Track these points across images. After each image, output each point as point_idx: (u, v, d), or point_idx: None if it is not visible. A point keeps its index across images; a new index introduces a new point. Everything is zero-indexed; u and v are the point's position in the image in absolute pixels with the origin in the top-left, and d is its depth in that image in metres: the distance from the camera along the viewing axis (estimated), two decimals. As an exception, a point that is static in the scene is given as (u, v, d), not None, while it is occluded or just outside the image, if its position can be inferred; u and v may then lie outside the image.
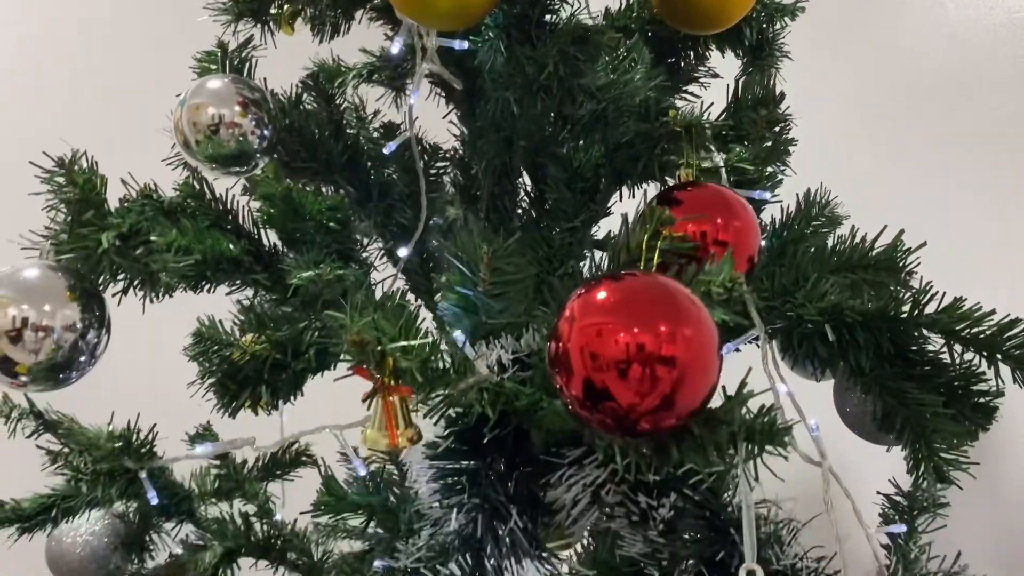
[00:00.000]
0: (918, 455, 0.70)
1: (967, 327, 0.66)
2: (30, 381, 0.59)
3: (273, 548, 0.82)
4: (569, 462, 0.56)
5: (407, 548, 0.58)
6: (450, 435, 0.59)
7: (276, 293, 0.74)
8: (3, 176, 1.05)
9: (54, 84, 1.63)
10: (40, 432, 0.84)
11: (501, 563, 0.53)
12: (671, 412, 0.44)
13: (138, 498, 0.82)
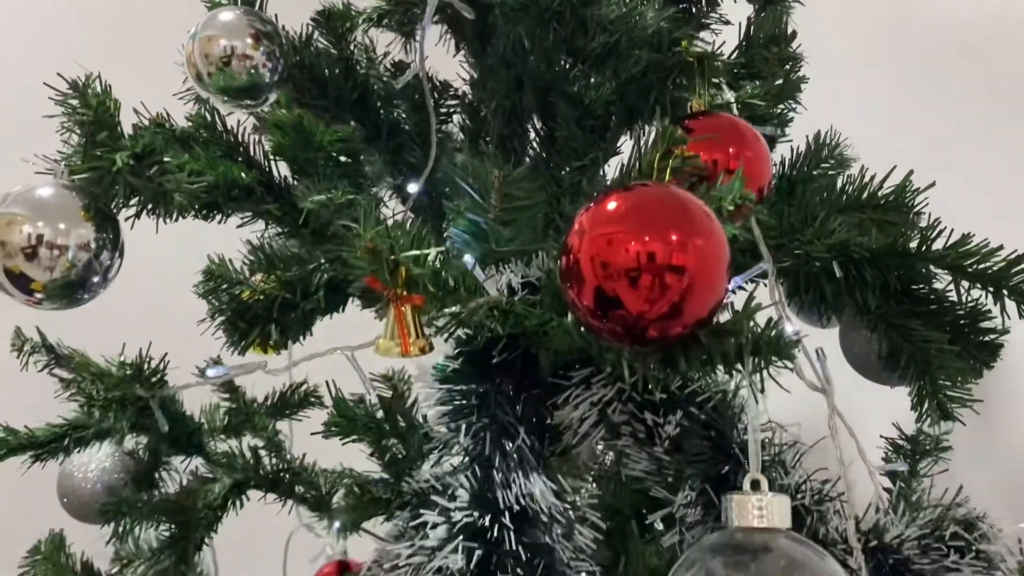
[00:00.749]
0: (922, 392, 0.71)
1: (974, 263, 0.66)
2: (45, 299, 0.59)
3: (282, 481, 0.83)
4: (576, 382, 0.57)
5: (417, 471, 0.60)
6: (459, 357, 0.59)
7: (287, 225, 0.75)
8: (16, 99, 1.05)
9: (66, 18, 1.63)
10: (52, 366, 0.85)
11: (508, 477, 0.54)
12: (679, 320, 0.45)
13: (148, 431, 0.83)
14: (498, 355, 0.59)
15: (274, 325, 0.90)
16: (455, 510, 0.53)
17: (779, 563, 0.43)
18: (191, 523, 0.78)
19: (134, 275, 0.89)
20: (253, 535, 1.08)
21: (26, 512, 1.00)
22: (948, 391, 0.70)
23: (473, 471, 0.54)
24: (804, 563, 0.43)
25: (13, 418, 0.84)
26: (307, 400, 0.97)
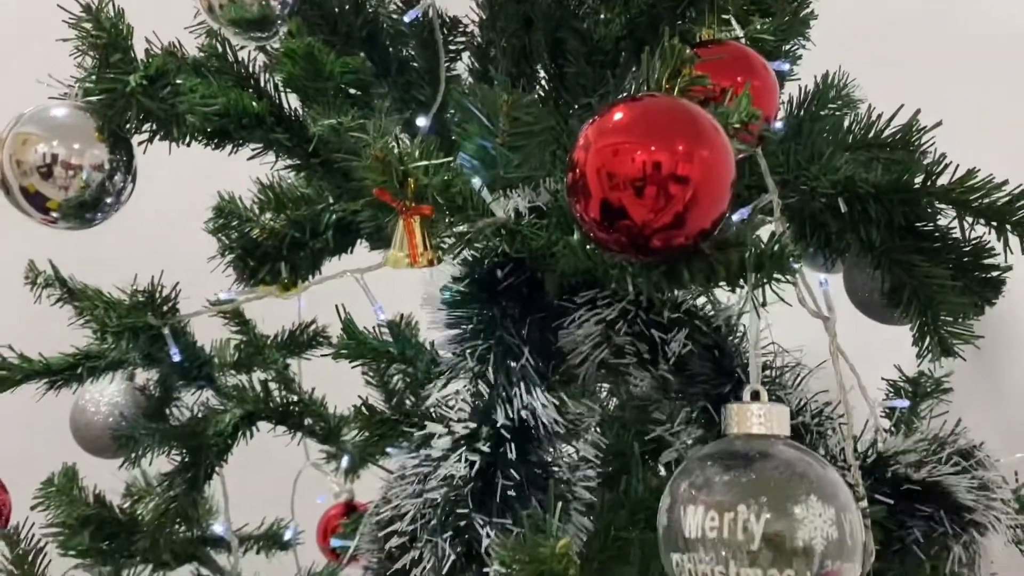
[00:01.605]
0: (924, 328, 0.71)
1: (978, 198, 0.67)
2: (60, 218, 0.60)
3: (291, 414, 0.85)
4: (581, 303, 0.58)
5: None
6: (466, 280, 0.60)
7: (297, 157, 0.75)
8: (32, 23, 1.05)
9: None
10: (64, 300, 0.87)
11: (510, 392, 0.55)
12: (682, 231, 0.45)
13: (159, 363, 0.85)
14: (504, 279, 0.60)
15: (283, 263, 0.92)
16: (457, 421, 0.54)
17: (778, 468, 0.44)
18: (202, 449, 0.79)
19: (145, 212, 0.90)
20: (261, 473, 1.10)
21: (39, 447, 1.02)
22: (949, 327, 0.71)
23: (476, 386, 0.55)
24: (804, 469, 0.44)
25: (28, 348, 0.85)
26: (315, 339, 0.98)
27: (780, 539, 0.42)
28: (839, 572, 0.44)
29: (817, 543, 0.42)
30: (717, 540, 0.42)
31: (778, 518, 0.42)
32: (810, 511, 0.42)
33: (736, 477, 0.44)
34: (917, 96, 0.76)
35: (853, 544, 0.44)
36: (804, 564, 0.42)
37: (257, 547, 1.06)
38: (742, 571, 0.42)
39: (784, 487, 0.43)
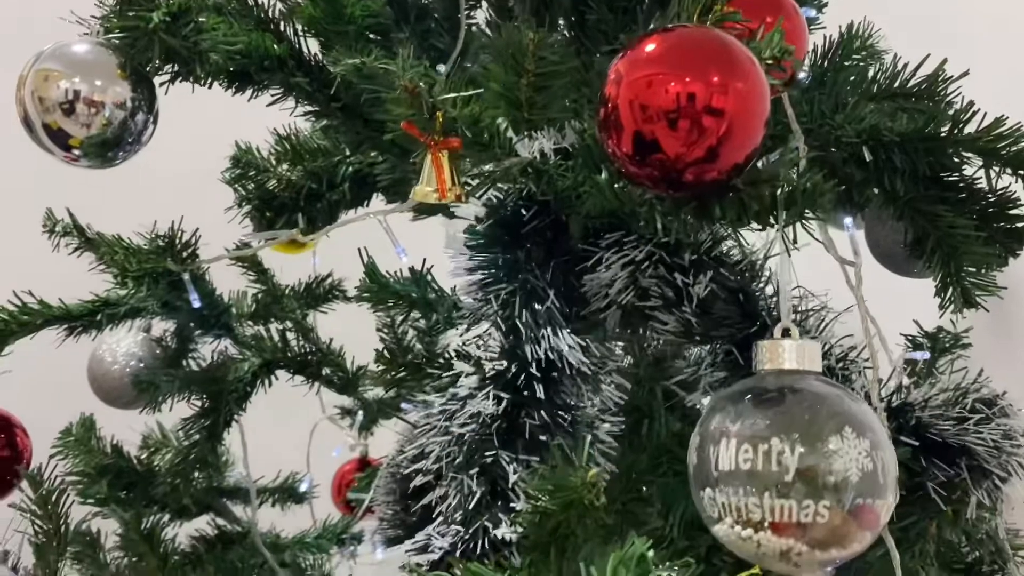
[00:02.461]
0: (946, 279, 0.71)
1: (1006, 146, 0.66)
2: (82, 155, 0.60)
3: (309, 364, 0.85)
4: (607, 245, 0.57)
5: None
6: (490, 222, 0.60)
7: (317, 103, 0.75)
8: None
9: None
10: (82, 248, 0.87)
11: (537, 334, 0.55)
12: (715, 165, 0.45)
13: (177, 311, 0.85)
14: (528, 221, 0.60)
15: (300, 215, 0.91)
16: (486, 360, 0.54)
17: (811, 402, 0.44)
18: (222, 395, 0.80)
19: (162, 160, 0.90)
20: (277, 427, 1.11)
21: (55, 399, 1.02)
22: (973, 278, 0.70)
23: (503, 327, 0.55)
24: (837, 403, 0.44)
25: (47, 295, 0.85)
26: (331, 293, 0.98)
27: (815, 471, 0.42)
28: (873, 508, 0.44)
29: (852, 474, 0.42)
30: (751, 472, 0.42)
31: (813, 450, 0.42)
32: (845, 443, 0.42)
33: (769, 411, 0.44)
34: (942, 49, 0.76)
35: (886, 481, 0.44)
36: (838, 496, 0.42)
37: (272, 500, 1.06)
38: (776, 503, 0.42)
39: (818, 420, 0.43)
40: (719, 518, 0.44)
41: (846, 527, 0.43)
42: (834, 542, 0.43)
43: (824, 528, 0.42)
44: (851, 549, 0.43)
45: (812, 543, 0.43)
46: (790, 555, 0.43)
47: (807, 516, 0.42)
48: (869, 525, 0.44)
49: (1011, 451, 0.56)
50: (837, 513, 0.42)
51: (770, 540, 0.42)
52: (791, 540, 0.42)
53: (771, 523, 0.42)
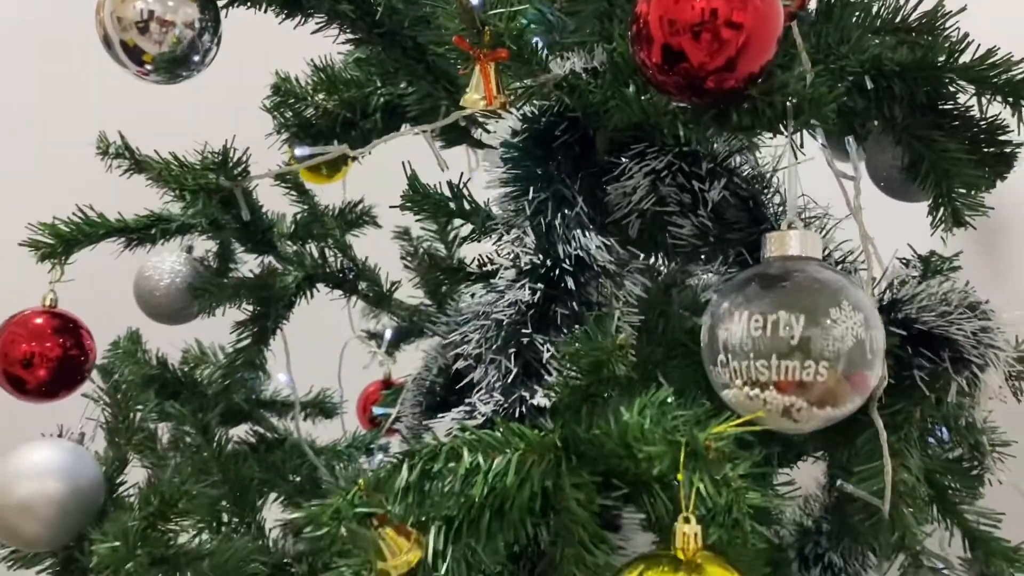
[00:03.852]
0: (939, 199, 0.77)
1: (997, 74, 0.72)
2: (153, 71, 0.66)
3: (347, 279, 0.91)
4: (631, 156, 0.64)
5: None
6: (524, 136, 0.66)
7: (361, 30, 0.80)
8: None
9: None
10: (132, 170, 0.93)
11: (568, 234, 0.61)
12: (733, 73, 0.51)
13: (223, 229, 0.91)
14: (560, 136, 0.66)
15: (335, 142, 0.97)
16: (523, 255, 0.60)
17: (811, 280, 0.51)
18: (271, 300, 0.86)
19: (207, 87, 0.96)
20: (311, 344, 1.18)
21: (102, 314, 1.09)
22: (963, 199, 0.77)
23: (537, 227, 0.62)
24: (837, 282, 0.51)
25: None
26: (362, 218, 1.04)
27: (816, 337, 0.49)
28: (863, 375, 0.50)
29: (847, 342, 0.49)
30: (760, 339, 0.49)
31: (814, 320, 0.49)
32: (842, 314, 0.49)
33: (776, 289, 0.51)
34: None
35: (874, 354, 0.51)
36: (835, 360, 0.49)
37: (305, 413, 1.14)
38: (782, 363, 0.48)
39: (818, 295, 0.50)
40: (729, 382, 0.51)
41: (840, 388, 0.50)
42: (829, 401, 0.50)
43: (822, 388, 0.49)
44: (844, 408, 0.50)
45: (811, 401, 0.49)
46: (791, 411, 0.50)
47: (808, 375, 0.48)
48: (859, 389, 0.51)
49: (989, 342, 0.63)
50: (833, 375, 0.49)
51: (775, 398, 0.49)
52: (793, 397, 0.49)
53: (776, 383, 0.49)
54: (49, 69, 1.58)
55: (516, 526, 0.52)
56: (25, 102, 1.60)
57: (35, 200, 0.98)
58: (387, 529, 0.49)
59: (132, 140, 0.93)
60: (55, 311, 0.81)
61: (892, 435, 0.65)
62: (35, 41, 1.60)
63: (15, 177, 1.56)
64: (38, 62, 1.61)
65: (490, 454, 0.52)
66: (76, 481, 0.71)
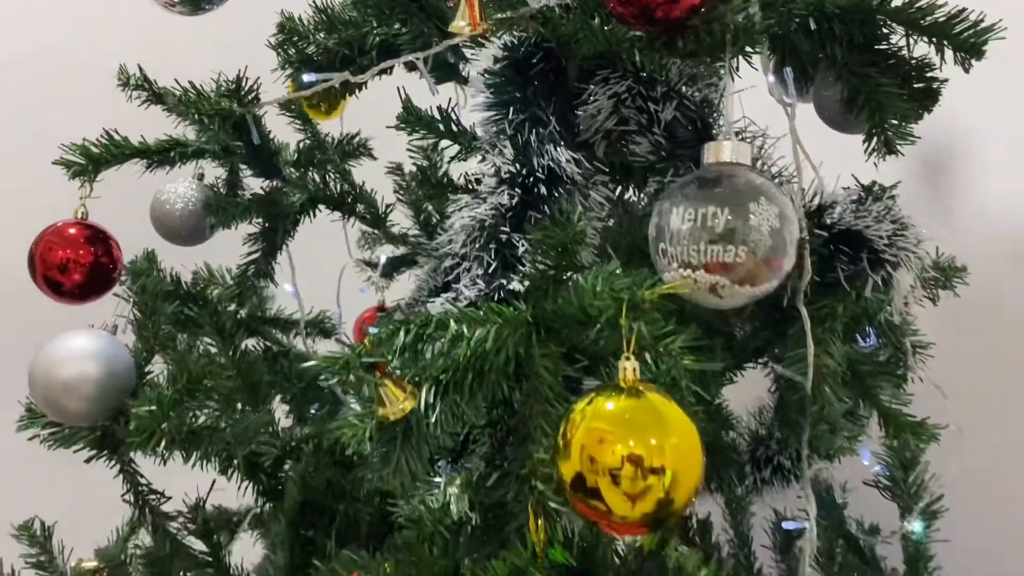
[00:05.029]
0: (873, 129, 0.88)
1: (924, 15, 0.81)
2: (179, 2, 0.75)
3: (345, 202, 1.01)
4: (597, 81, 0.73)
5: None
6: (505, 63, 0.76)
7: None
8: None
9: None
10: (151, 101, 1.02)
11: (541, 148, 0.71)
12: (677, 5, 0.61)
13: (233, 155, 1.01)
14: (535, 64, 0.76)
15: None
16: (503, 164, 0.71)
17: (741, 181, 0.61)
18: (279, 216, 0.96)
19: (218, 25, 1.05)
20: (311, 271, 1.28)
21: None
22: (895, 129, 0.87)
23: (515, 142, 0.72)
24: (761, 184, 0.61)
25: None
26: (359, 150, 1.14)
27: (738, 227, 0.59)
28: (777, 259, 0.61)
29: (764, 230, 0.59)
30: (692, 229, 0.60)
31: (737, 213, 0.59)
32: (759, 207, 0.59)
33: (708, 188, 0.61)
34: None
35: (788, 243, 0.62)
36: (753, 245, 0.59)
37: (305, 332, 1.24)
38: (710, 248, 0.59)
39: (742, 192, 0.60)
40: (668, 266, 0.62)
41: (758, 270, 0.60)
42: (749, 280, 0.60)
43: (743, 269, 0.60)
44: (761, 287, 0.61)
45: (734, 280, 0.60)
46: (717, 288, 0.60)
47: (730, 258, 0.59)
48: (775, 271, 0.61)
49: (902, 244, 0.73)
50: (752, 258, 0.59)
51: (704, 277, 0.60)
52: (719, 277, 0.60)
53: (705, 265, 0.60)
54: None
55: (494, 386, 0.63)
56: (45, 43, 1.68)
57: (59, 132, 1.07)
58: (387, 381, 0.60)
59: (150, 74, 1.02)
60: (86, 223, 0.91)
61: (818, 327, 0.76)
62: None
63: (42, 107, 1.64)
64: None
65: (473, 326, 0.62)
66: (112, 365, 0.81)
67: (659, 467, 0.49)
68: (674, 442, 0.50)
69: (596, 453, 0.50)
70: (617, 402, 0.51)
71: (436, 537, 0.64)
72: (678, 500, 0.50)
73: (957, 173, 1.32)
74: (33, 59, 1.66)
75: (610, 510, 0.50)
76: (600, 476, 0.50)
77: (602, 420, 0.51)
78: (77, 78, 1.51)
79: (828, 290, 0.77)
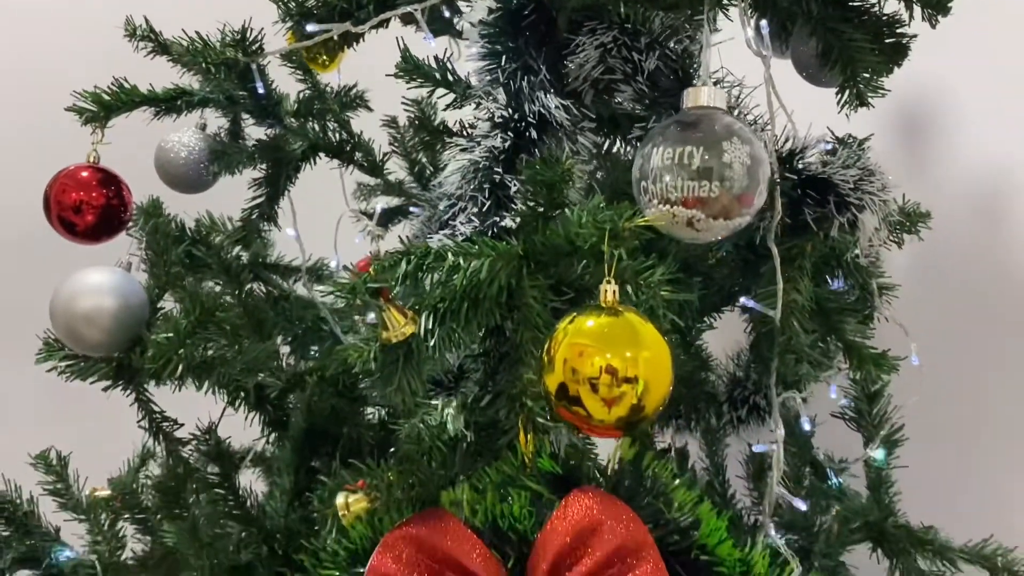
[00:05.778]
0: (846, 82, 0.93)
1: (893, -28, 0.86)
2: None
3: (344, 150, 1.06)
4: (585, 32, 0.78)
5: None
6: (499, 15, 0.80)
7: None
8: None
9: None
10: (156, 52, 1.06)
11: (532, 95, 0.76)
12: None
13: (236, 104, 1.05)
14: (527, 16, 0.80)
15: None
16: (496, 109, 0.76)
17: (719, 126, 0.66)
18: (282, 161, 1.01)
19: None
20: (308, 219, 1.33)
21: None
22: (866, 82, 0.92)
23: (508, 89, 0.77)
24: (735, 126, 0.66)
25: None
26: (356, 101, 1.18)
27: (713, 164, 0.64)
28: (750, 195, 0.66)
29: (736, 167, 0.65)
30: (671, 166, 0.65)
31: (712, 152, 0.65)
32: (732, 146, 0.64)
33: (686, 130, 0.66)
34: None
35: (759, 180, 0.67)
36: (727, 181, 0.65)
37: (304, 279, 1.29)
38: (687, 184, 0.64)
39: (716, 133, 0.65)
40: (649, 202, 0.67)
41: (732, 204, 0.65)
42: (723, 214, 0.66)
43: (718, 204, 0.65)
44: (735, 221, 0.66)
45: (709, 214, 0.65)
46: (694, 222, 0.66)
47: (705, 193, 0.64)
48: (747, 206, 0.66)
49: (867, 189, 0.79)
50: (726, 194, 0.65)
51: (682, 211, 0.65)
52: (695, 211, 0.65)
53: (683, 200, 0.65)
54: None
55: (487, 314, 0.69)
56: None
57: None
58: (390, 307, 0.65)
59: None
60: (98, 166, 0.96)
61: (787, 265, 0.82)
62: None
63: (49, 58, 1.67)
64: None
65: (468, 258, 0.67)
66: (127, 299, 0.86)
67: (633, 377, 0.55)
68: (647, 355, 0.56)
69: (577, 365, 0.56)
70: (597, 320, 0.57)
71: (434, 451, 0.70)
72: (649, 406, 0.56)
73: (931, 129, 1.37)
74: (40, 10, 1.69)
75: (589, 415, 0.56)
76: (581, 385, 0.56)
77: (583, 336, 0.57)
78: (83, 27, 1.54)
79: (798, 232, 0.83)
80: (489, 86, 0.82)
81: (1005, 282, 1.28)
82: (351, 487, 0.66)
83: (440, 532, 0.62)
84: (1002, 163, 1.32)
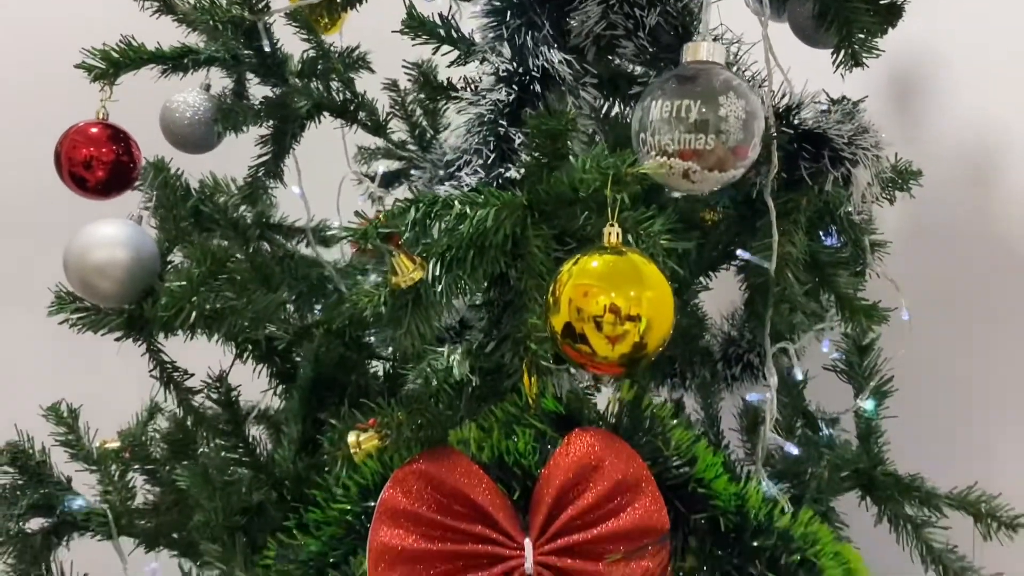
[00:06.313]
0: (841, 42, 0.95)
1: (890, -64, 0.88)
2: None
3: (348, 110, 1.08)
4: (588, -12, 0.80)
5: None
6: (504, -26, 0.82)
7: None
8: None
9: None
10: (161, 11, 1.07)
11: (536, 50, 0.78)
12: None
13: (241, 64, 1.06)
14: (531, -26, 0.82)
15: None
16: (501, 63, 0.77)
17: (711, 77, 0.68)
18: (288, 119, 1.03)
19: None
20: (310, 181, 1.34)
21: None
22: (860, 43, 0.94)
23: (512, 43, 0.79)
24: (737, 85, 0.68)
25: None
26: (358, 63, 1.19)
27: (709, 117, 0.66)
28: (744, 148, 0.69)
29: (732, 121, 0.67)
30: (669, 119, 0.67)
31: (708, 105, 0.67)
32: (728, 100, 0.67)
33: (685, 84, 0.68)
34: None
35: (754, 134, 0.69)
36: (723, 135, 0.67)
37: (306, 242, 1.31)
38: (684, 136, 0.67)
39: (713, 87, 0.67)
40: (647, 154, 0.69)
41: (726, 157, 0.68)
42: (718, 166, 0.68)
43: (712, 156, 0.67)
44: (729, 173, 0.69)
45: (704, 166, 0.68)
46: (690, 174, 0.68)
47: (701, 145, 0.66)
48: (741, 159, 0.69)
49: (860, 143, 0.81)
50: (721, 146, 0.67)
51: (678, 163, 0.68)
52: (691, 163, 0.67)
53: (679, 152, 0.67)
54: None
55: (493, 262, 0.71)
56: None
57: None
58: (399, 252, 0.68)
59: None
60: (107, 123, 0.97)
61: (783, 219, 0.85)
62: None
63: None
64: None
65: (474, 207, 0.70)
66: (139, 251, 0.88)
67: (636, 315, 0.58)
68: (649, 295, 0.59)
69: (582, 304, 0.59)
70: (601, 260, 0.59)
71: (441, 393, 0.73)
72: (651, 344, 0.59)
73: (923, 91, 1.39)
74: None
75: (594, 352, 0.59)
76: (586, 323, 0.58)
77: (587, 276, 0.59)
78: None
79: (793, 187, 0.85)
80: (494, 42, 0.83)
81: (994, 240, 1.31)
82: (362, 426, 0.69)
83: (448, 467, 0.65)
84: (992, 124, 1.35)
